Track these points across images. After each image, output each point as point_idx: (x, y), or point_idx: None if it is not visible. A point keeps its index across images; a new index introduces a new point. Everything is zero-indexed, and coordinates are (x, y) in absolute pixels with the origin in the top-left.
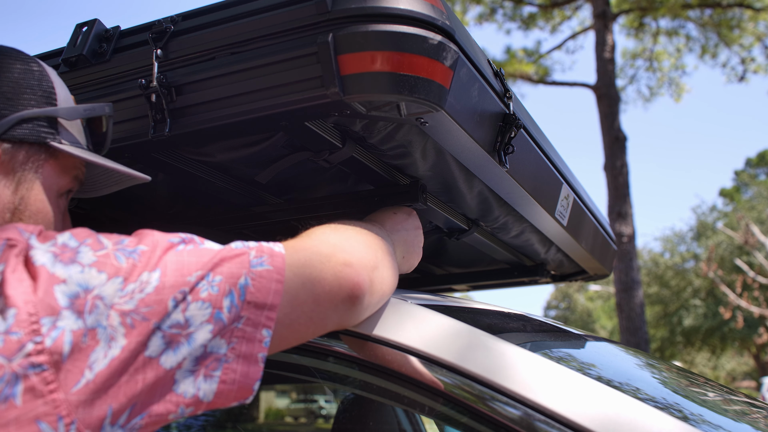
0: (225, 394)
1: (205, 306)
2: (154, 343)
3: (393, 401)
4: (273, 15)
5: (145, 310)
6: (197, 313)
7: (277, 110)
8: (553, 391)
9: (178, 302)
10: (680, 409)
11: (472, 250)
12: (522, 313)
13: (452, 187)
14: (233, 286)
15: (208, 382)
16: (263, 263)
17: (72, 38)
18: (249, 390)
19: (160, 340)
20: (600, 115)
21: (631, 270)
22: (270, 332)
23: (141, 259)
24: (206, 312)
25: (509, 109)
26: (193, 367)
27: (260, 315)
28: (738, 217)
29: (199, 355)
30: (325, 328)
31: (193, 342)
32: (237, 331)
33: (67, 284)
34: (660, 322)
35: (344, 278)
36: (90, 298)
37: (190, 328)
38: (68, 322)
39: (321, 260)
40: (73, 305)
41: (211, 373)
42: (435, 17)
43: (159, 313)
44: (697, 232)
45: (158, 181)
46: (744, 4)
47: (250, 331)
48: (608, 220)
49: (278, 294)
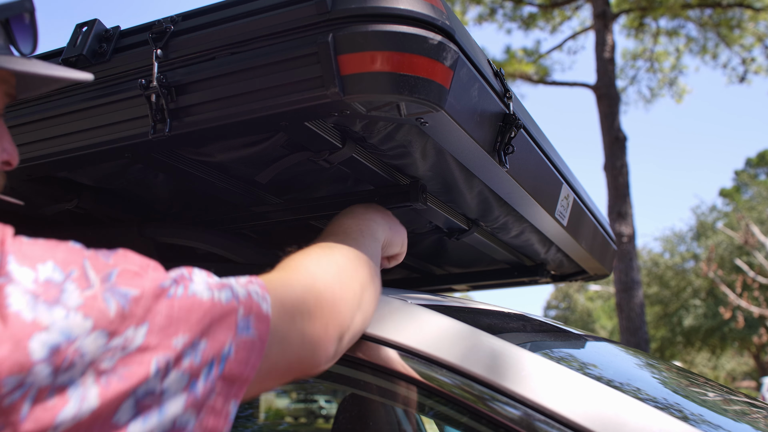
0: None
1: (184, 376)
2: (124, 409)
3: (393, 401)
4: (273, 15)
5: (123, 370)
6: (174, 384)
7: (277, 110)
8: (553, 391)
9: (160, 370)
10: (680, 409)
11: (472, 250)
12: (522, 313)
13: (452, 187)
14: (216, 356)
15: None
16: (249, 327)
17: (72, 38)
18: None
19: (131, 408)
20: (600, 115)
21: (631, 270)
22: (237, 403)
23: (130, 307)
24: (183, 382)
25: (509, 109)
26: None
27: (231, 388)
28: (738, 217)
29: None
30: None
31: (164, 413)
32: (207, 406)
33: (48, 332)
34: (660, 322)
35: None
36: (71, 351)
37: (164, 396)
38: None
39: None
40: (51, 359)
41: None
42: (435, 17)
43: (138, 377)
44: (697, 233)
45: (158, 181)
46: (744, 4)
47: (219, 404)
48: (608, 220)
49: (254, 368)
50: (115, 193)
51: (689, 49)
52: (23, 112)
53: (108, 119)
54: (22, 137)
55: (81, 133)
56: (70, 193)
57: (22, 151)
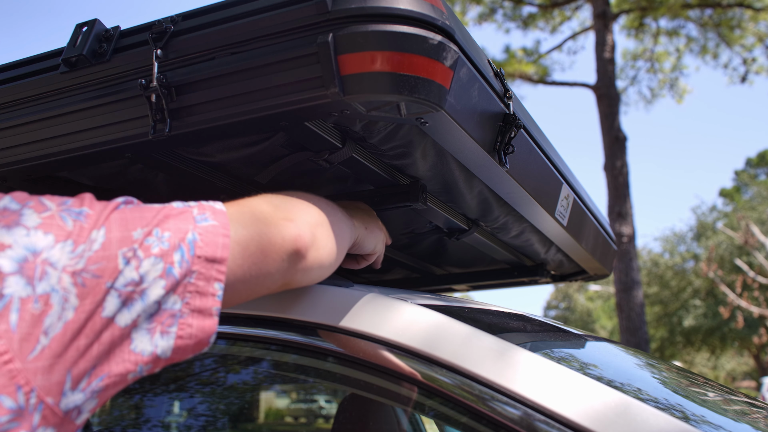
0: (182, 349)
1: (157, 261)
2: (109, 302)
3: (393, 401)
4: (273, 15)
5: (94, 267)
6: (150, 269)
7: (277, 110)
8: (553, 391)
9: (130, 259)
10: (680, 409)
11: (472, 250)
12: (522, 313)
13: (452, 187)
14: (182, 241)
15: (165, 338)
16: (207, 219)
17: (72, 38)
18: (205, 343)
19: (116, 299)
20: (600, 115)
21: (631, 270)
22: (222, 285)
23: (87, 221)
24: (159, 267)
25: (509, 109)
26: (149, 324)
27: (211, 269)
28: (738, 217)
29: (154, 312)
30: (275, 282)
31: (147, 298)
32: (189, 285)
33: (13, 249)
34: (660, 322)
35: (286, 231)
36: (39, 262)
37: (144, 284)
38: (16, 288)
39: (263, 216)
40: (23, 270)
41: (167, 329)
42: (435, 17)
43: (110, 271)
44: (697, 233)
45: (158, 181)
46: (744, 4)
47: (203, 285)
48: (608, 220)
49: (226, 248)
50: (115, 193)
51: (690, 50)
52: (23, 112)
53: (108, 119)
54: (22, 137)
55: (81, 133)
56: (69, 193)
57: (22, 151)
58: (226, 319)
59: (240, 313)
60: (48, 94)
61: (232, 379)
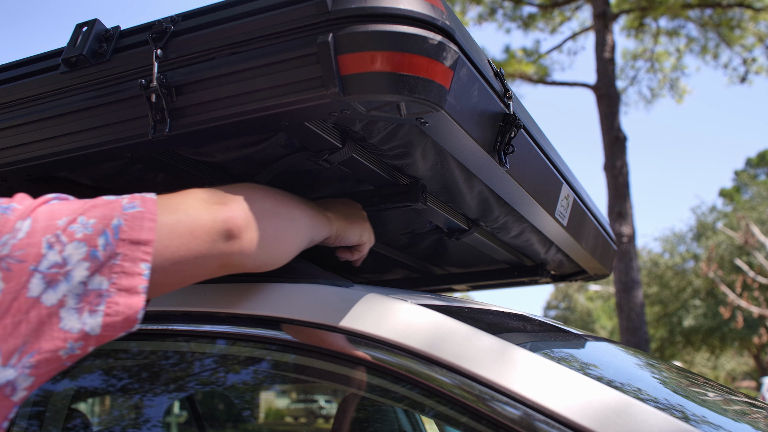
0: (111, 326)
1: (80, 245)
2: (34, 284)
3: (393, 401)
4: (273, 15)
5: (18, 253)
6: (73, 252)
7: (278, 110)
8: (553, 391)
9: (53, 244)
10: (680, 409)
11: (472, 250)
12: (522, 313)
13: (452, 187)
14: (107, 227)
15: (93, 316)
16: (135, 206)
17: (72, 38)
18: (134, 320)
19: (39, 280)
20: (600, 115)
21: (631, 270)
22: (149, 265)
23: (13, 213)
24: (82, 251)
25: (509, 109)
26: (77, 304)
27: (136, 250)
28: (738, 217)
29: (81, 293)
30: (211, 263)
31: (72, 279)
32: (115, 267)
33: None
34: (660, 322)
35: (218, 213)
36: None
37: (68, 266)
38: None
39: (196, 202)
40: None
41: (95, 308)
42: (435, 17)
43: (33, 256)
44: (696, 233)
45: (158, 181)
46: (744, 4)
47: (129, 266)
48: (608, 220)
49: (151, 230)
50: (115, 193)
51: (690, 50)
52: (23, 112)
53: (108, 119)
54: (22, 137)
55: (81, 133)
56: (69, 193)
57: (22, 151)
58: (226, 320)
59: (240, 313)
60: (48, 94)
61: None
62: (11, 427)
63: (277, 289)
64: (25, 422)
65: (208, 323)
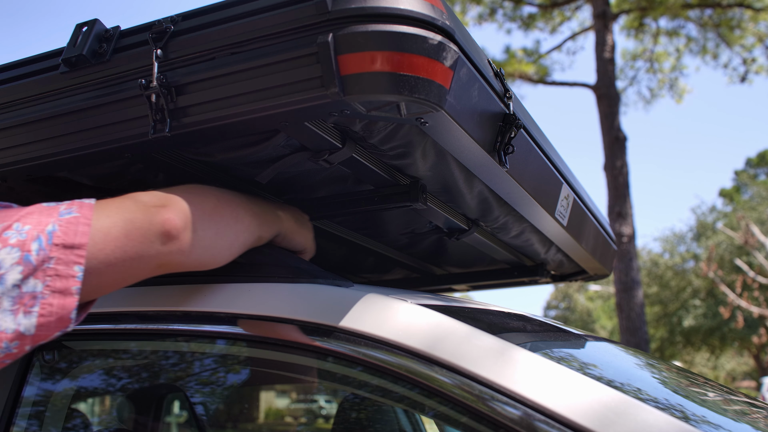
0: (45, 326)
1: (13, 250)
2: None
3: (393, 401)
4: (273, 15)
5: None
6: (6, 257)
7: (278, 110)
8: (553, 391)
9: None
10: (680, 409)
11: (472, 250)
12: (522, 313)
13: (452, 187)
14: (41, 232)
15: (27, 317)
16: (71, 212)
17: (72, 38)
18: (67, 320)
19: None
20: (600, 115)
21: (631, 270)
22: (81, 268)
23: None
24: (15, 255)
25: (509, 109)
26: (12, 306)
27: (70, 254)
28: (738, 217)
29: (15, 296)
30: (147, 264)
31: (5, 282)
32: (49, 270)
33: None
34: (660, 322)
35: (156, 216)
36: None
37: (1, 270)
38: None
39: (135, 205)
40: None
41: (29, 309)
42: (435, 17)
43: None
44: (696, 233)
45: (158, 181)
46: (744, 4)
47: (62, 269)
48: (608, 220)
49: (85, 234)
50: (115, 193)
51: (689, 50)
52: (23, 112)
53: (108, 119)
54: (22, 137)
55: (81, 133)
56: (69, 193)
57: (22, 151)
58: (226, 320)
59: (240, 313)
60: (48, 94)
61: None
62: (11, 427)
63: (278, 289)
64: (25, 422)
65: (208, 323)
